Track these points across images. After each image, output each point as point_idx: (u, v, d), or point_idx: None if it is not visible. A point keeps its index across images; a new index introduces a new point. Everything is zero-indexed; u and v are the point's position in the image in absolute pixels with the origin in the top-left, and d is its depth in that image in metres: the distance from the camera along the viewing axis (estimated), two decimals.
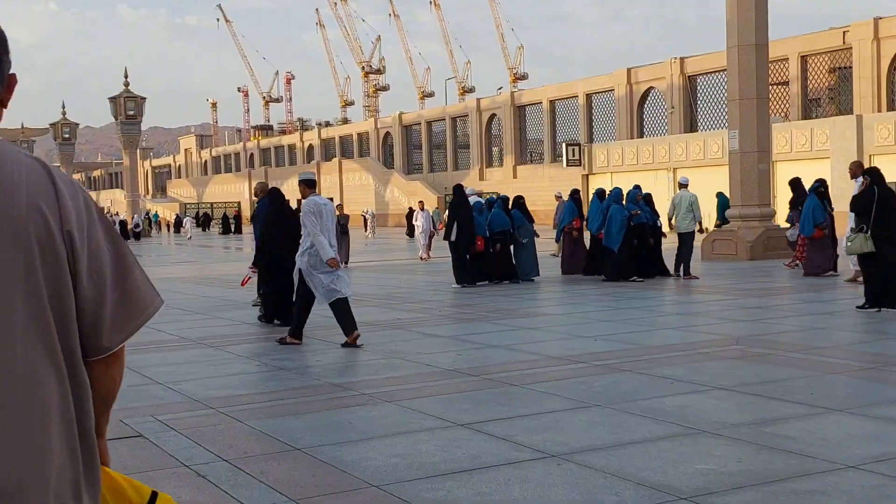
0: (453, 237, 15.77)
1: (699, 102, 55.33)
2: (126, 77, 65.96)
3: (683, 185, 17.23)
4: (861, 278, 12.11)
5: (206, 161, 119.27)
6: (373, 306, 13.33)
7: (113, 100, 66.51)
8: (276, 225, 11.03)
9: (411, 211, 42.57)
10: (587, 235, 17.73)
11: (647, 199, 17.03)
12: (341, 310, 9.10)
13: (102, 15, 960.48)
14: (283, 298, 10.74)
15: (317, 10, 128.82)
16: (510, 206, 17.36)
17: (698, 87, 55.58)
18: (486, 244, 16.13)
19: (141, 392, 7.19)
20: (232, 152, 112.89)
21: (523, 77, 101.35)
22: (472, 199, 19.11)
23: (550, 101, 65.88)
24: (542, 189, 62.39)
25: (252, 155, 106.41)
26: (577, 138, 60.74)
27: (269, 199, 11.36)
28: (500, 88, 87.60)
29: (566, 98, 64.96)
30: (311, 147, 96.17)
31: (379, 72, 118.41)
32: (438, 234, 26.20)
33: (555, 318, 11.50)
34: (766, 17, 20.86)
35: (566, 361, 8.07)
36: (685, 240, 16.48)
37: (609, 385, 6.96)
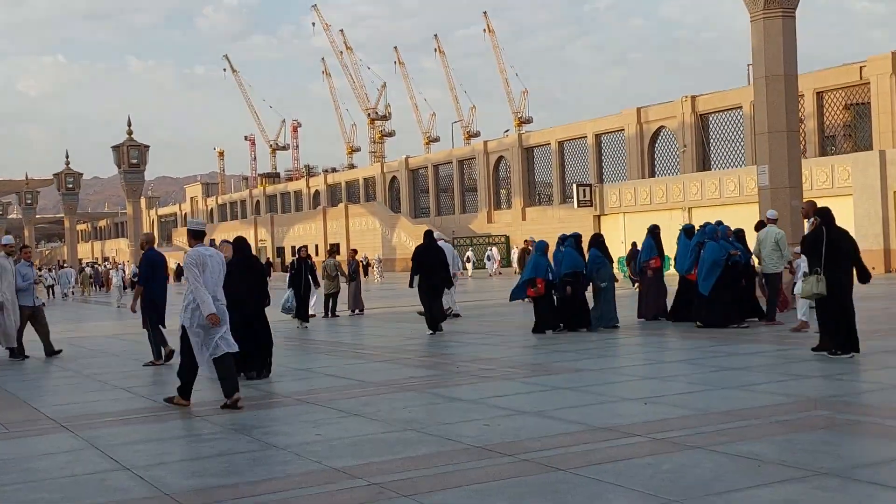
0: (414, 284, 16.28)
1: (711, 141, 54.26)
2: (129, 125, 65.31)
3: (772, 220, 15.26)
4: (804, 328, 12.47)
5: (211, 209, 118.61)
6: (382, 362, 11.99)
7: (116, 148, 65.78)
8: (239, 275, 10.61)
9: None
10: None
11: (739, 235, 15.51)
12: (224, 368, 8.63)
13: (111, 67, 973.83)
14: (246, 350, 10.39)
15: (323, 59, 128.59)
16: (588, 245, 15.70)
17: (710, 126, 54.54)
18: (547, 287, 14.77)
19: (99, 484, 5.84)
20: (238, 200, 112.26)
21: (528, 121, 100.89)
22: (441, 244, 18.63)
23: (559, 141, 64.93)
24: (552, 231, 60.91)
25: (258, 202, 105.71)
26: (587, 179, 59.65)
27: (234, 249, 11.22)
28: (506, 131, 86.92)
29: (575, 139, 64.01)
30: (317, 193, 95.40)
31: (384, 118, 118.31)
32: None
33: (596, 373, 10.12)
34: (794, 45, 19.69)
35: (618, 434, 6.70)
36: (772, 281, 14.90)
37: (680, 469, 5.58)
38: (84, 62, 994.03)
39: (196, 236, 9.11)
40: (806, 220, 12.10)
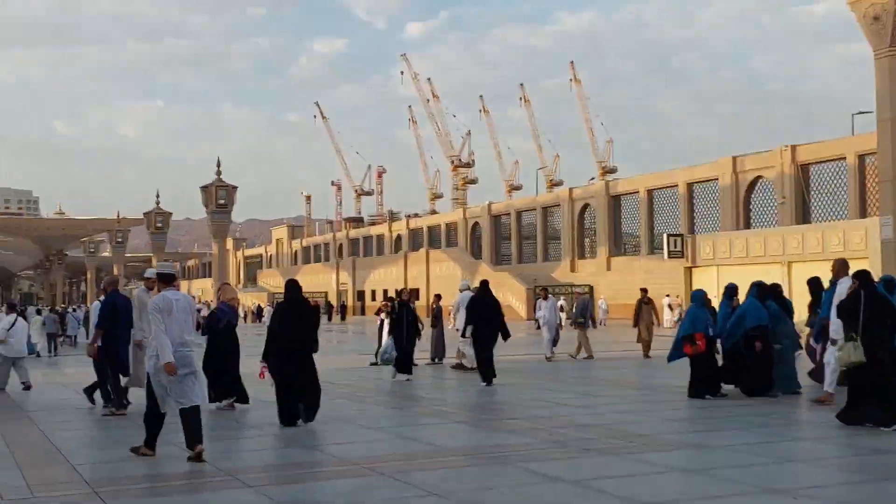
0: (468, 333, 16.10)
1: (812, 192, 51.76)
2: (218, 166, 65.97)
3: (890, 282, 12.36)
4: (829, 401, 11.38)
5: (296, 251, 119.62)
6: (463, 423, 10.66)
7: (205, 189, 66.49)
8: (286, 316, 10.77)
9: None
10: None
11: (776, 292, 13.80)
12: (188, 419, 8.26)
13: (206, 112, 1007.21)
14: (293, 395, 10.52)
15: (409, 106, 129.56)
16: (754, 295, 13.32)
17: (811, 177, 52.10)
18: (708, 345, 12.95)
19: None
20: (322, 242, 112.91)
21: (613, 170, 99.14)
22: (466, 293, 18.40)
23: (648, 190, 63.05)
24: (638, 282, 58.96)
25: (341, 245, 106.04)
26: (676, 230, 57.54)
27: (286, 291, 11.15)
28: (591, 179, 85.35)
29: (665, 187, 62.06)
30: (399, 237, 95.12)
31: (468, 165, 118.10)
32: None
33: (720, 450, 8.58)
34: None
35: None
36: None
37: None
38: (182, 107, 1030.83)
39: (164, 279, 8.83)
40: (836, 282, 11.45)
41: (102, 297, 12.55)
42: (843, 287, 10.96)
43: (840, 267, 11.66)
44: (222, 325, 12.28)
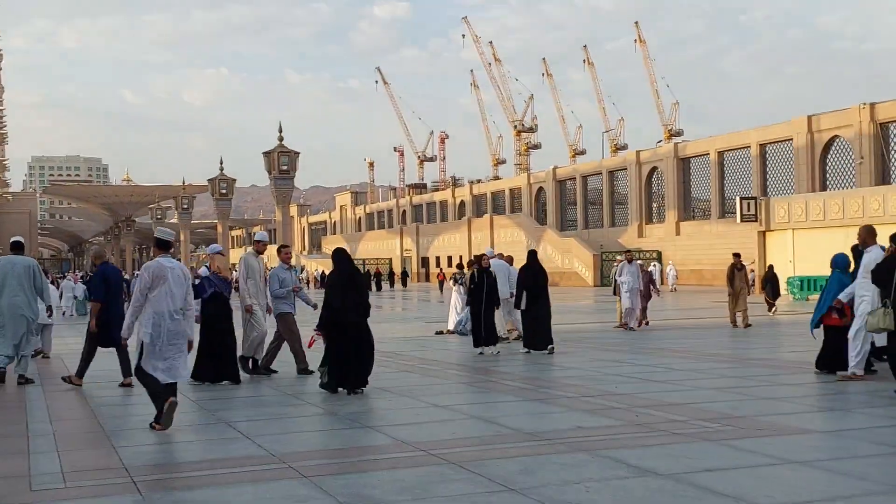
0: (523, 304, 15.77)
1: (892, 152, 49.37)
2: (280, 131, 65.75)
3: None
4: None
5: (359, 218, 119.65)
6: (538, 401, 9.80)
7: (267, 154, 66.40)
8: (339, 287, 10.60)
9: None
10: None
11: None
12: (162, 390, 8.20)
13: (269, 79, 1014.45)
14: (346, 365, 10.43)
15: (472, 71, 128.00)
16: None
17: (892, 136, 49.67)
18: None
19: None
20: (385, 209, 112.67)
21: (678, 133, 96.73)
22: (496, 262, 17.18)
23: (718, 152, 61.02)
24: (708, 247, 57.35)
25: (404, 211, 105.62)
26: (748, 192, 55.56)
27: (334, 260, 11.00)
28: (659, 142, 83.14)
29: (736, 149, 59.97)
30: (462, 203, 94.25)
31: (531, 130, 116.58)
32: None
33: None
34: None
35: None
36: None
37: None
38: (245, 74, 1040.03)
39: (161, 246, 8.69)
40: (865, 250, 10.79)
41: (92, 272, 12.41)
42: (871, 256, 10.47)
43: (867, 234, 10.86)
44: (206, 296, 11.65)
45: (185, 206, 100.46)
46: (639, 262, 24.67)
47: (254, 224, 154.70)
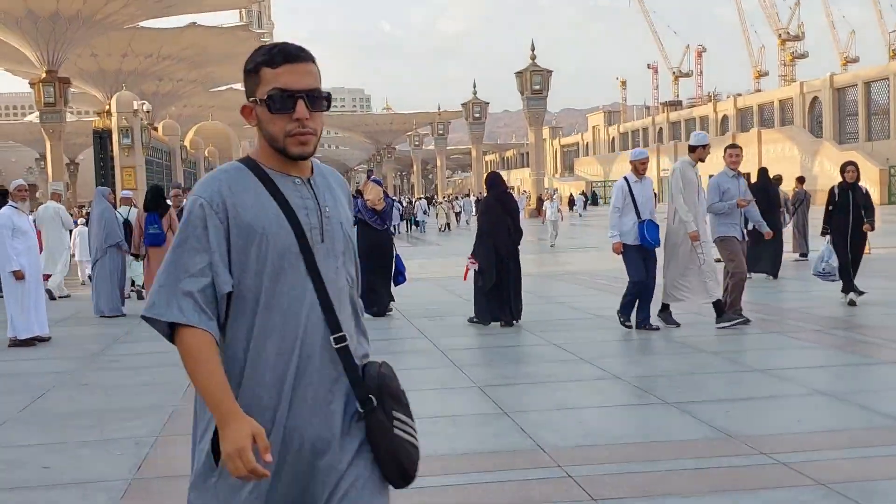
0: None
1: None
2: (532, 50, 64.21)
3: None
4: None
5: (613, 138, 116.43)
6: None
7: (519, 74, 65.24)
8: (492, 212, 10.29)
9: None
10: None
11: None
12: None
13: (522, 3, 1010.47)
14: (501, 296, 10.07)
15: None
16: None
17: None
18: None
19: None
20: (640, 128, 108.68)
21: None
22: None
23: None
24: None
25: (661, 129, 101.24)
26: None
27: (488, 185, 10.68)
28: None
29: None
30: (724, 118, 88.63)
31: (797, 38, 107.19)
32: None
33: None
34: None
35: None
36: None
37: None
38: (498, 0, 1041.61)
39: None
40: None
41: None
42: None
43: None
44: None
45: (441, 132, 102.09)
46: None
47: (506, 148, 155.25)
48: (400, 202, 50.62)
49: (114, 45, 51.67)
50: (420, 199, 59.43)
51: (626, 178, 9.62)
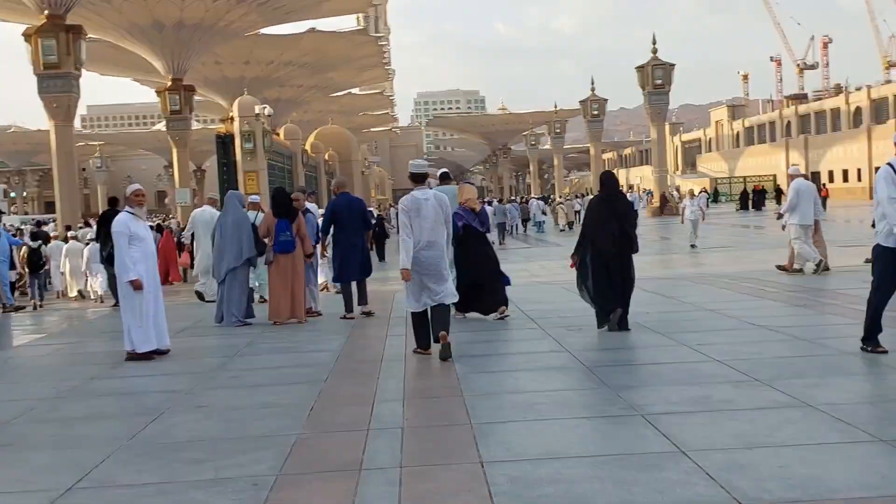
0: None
1: None
2: (654, 44, 62.19)
3: None
4: None
5: (737, 133, 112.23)
6: None
7: (640, 69, 63.28)
8: (596, 212, 9.89)
9: None
10: None
11: None
12: (437, 314, 8.72)
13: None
14: (610, 294, 9.69)
15: None
16: None
17: None
18: None
19: None
20: (766, 122, 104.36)
21: None
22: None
23: None
24: None
25: (788, 123, 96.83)
26: None
27: (600, 183, 10.13)
28: None
29: None
30: (857, 110, 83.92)
31: None
32: None
33: None
34: None
35: None
36: None
37: None
38: None
39: (416, 179, 8.86)
40: None
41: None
42: None
43: None
44: (459, 231, 10.77)
45: (558, 131, 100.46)
46: None
47: (625, 146, 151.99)
48: (515, 203, 49.84)
49: (236, 52, 52.50)
50: (533, 199, 58.07)
51: (890, 164, 7.66)
